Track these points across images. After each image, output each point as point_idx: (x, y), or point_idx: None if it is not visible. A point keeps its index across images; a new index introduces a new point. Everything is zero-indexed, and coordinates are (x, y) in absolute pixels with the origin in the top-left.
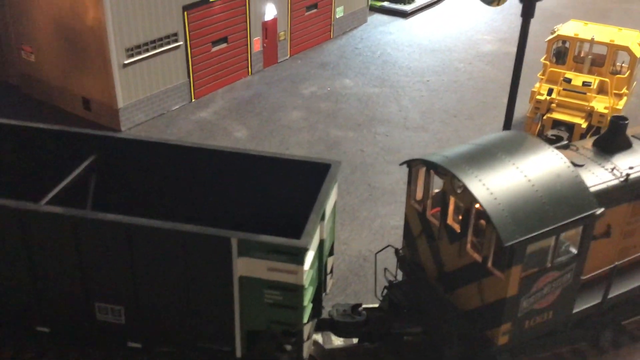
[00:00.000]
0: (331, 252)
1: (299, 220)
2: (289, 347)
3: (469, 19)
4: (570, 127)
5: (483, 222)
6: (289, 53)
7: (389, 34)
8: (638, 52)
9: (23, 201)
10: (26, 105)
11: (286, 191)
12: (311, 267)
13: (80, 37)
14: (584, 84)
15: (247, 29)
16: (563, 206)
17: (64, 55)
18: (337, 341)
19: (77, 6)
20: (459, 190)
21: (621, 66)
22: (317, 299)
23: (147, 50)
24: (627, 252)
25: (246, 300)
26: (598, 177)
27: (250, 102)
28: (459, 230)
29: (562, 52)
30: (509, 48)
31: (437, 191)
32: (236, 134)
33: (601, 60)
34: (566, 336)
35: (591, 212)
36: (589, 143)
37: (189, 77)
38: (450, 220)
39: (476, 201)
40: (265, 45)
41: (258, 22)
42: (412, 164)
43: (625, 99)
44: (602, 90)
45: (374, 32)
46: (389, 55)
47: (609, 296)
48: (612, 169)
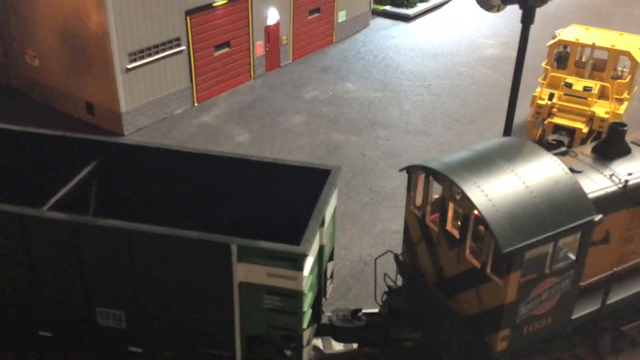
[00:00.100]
0: (331, 257)
1: (300, 226)
2: (288, 352)
3: (472, 23)
4: (571, 132)
5: (482, 228)
6: (291, 57)
7: (391, 38)
8: (639, 57)
9: (25, 206)
10: (30, 109)
11: (287, 196)
12: (310, 272)
13: (83, 41)
14: (585, 88)
15: (249, 34)
16: (561, 213)
17: (67, 60)
18: (337, 346)
19: (80, 11)
20: (457, 197)
21: (622, 71)
22: (317, 304)
23: (150, 55)
24: (626, 258)
25: (246, 305)
26: (597, 183)
27: (252, 106)
28: (458, 237)
29: (563, 56)
30: (511, 52)
31: (436, 197)
32: (238, 138)
33: (602, 65)
34: (565, 342)
35: (589, 218)
36: (588, 149)
37: (191, 81)
38: (449, 226)
39: (474, 208)
40: (267, 49)
41: (260, 27)
42: (411, 170)
43: (626, 103)
44: (603, 95)
45: (376, 36)
46: (391, 60)
47: (608, 302)
48: (611, 175)
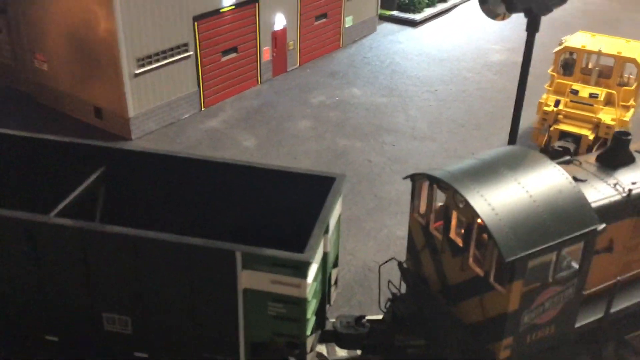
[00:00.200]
0: (335, 264)
1: (304, 233)
2: (292, 359)
3: (478, 28)
4: (577, 139)
5: (485, 236)
6: (298, 62)
7: (398, 43)
8: None
9: (33, 212)
10: (39, 113)
11: (292, 203)
12: (314, 280)
13: (92, 47)
14: (591, 95)
15: (256, 39)
16: (564, 222)
17: (76, 65)
18: (341, 353)
19: (89, 17)
20: (461, 205)
21: (629, 78)
22: (321, 311)
23: (158, 60)
24: (630, 266)
25: (250, 312)
26: (600, 192)
27: (259, 111)
28: (461, 245)
29: (569, 63)
30: (517, 58)
31: (440, 205)
32: (244, 143)
33: (609, 72)
34: (568, 350)
35: (592, 228)
36: (592, 158)
37: (198, 86)
38: (452, 234)
39: (477, 216)
40: (274, 54)
41: (268, 32)
42: (415, 178)
43: (632, 110)
44: (609, 102)
45: (383, 41)
46: (397, 65)
47: (612, 311)
48: (615, 184)
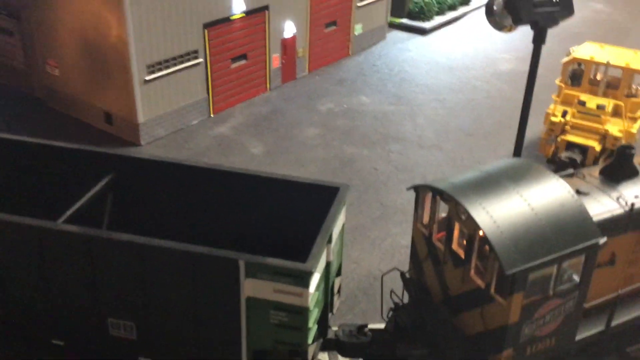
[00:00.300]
0: (339, 273)
1: (308, 241)
2: None
3: (488, 36)
4: (584, 150)
5: (487, 248)
6: (307, 69)
7: (407, 51)
8: None
9: (41, 219)
10: (50, 118)
11: (296, 212)
12: (317, 289)
13: (103, 53)
14: (599, 107)
15: (266, 46)
16: (565, 235)
17: (87, 71)
18: None
19: (101, 24)
20: (463, 217)
21: (637, 89)
22: (323, 319)
23: (168, 67)
24: (632, 279)
25: (253, 320)
26: (603, 205)
27: (267, 118)
28: (463, 256)
29: (578, 74)
30: (527, 67)
31: (443, 216)
32: (252, 149)
33: (617, 83)
34: None
35: (593, 241)
36: (595, 171)
37: (208, 92)
38: (455, 246)
39: (479, 228)
40: (284, 61)
41: (277, 40)
42: (418, 189)
43: (639, 122)
44: (617, 113)
45: (392, 49)
46: (406, 73)
47: (613, 324)
48: (618, 197)
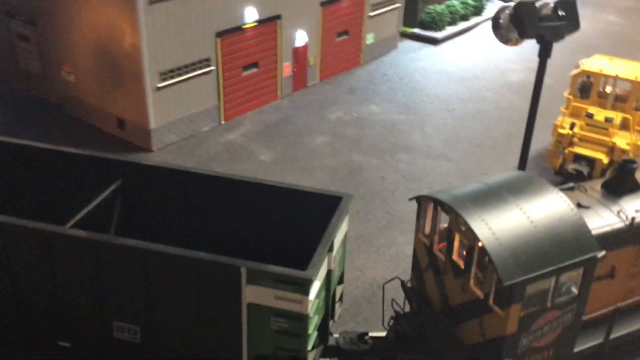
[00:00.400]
0: (341, 281)
1: (312, 249)
2: None
3: (499, 47)
4: (591, 162)
5: (487, 258)
6: (318, 78)
7: (418, 60)
8: None
9: (50, 223)
10: (64, 123)
11: (301, 221)
12: (317, 296)
13: (117, 60)
14: (607, 119)
15: (277, 55)
16: (564, 248)
17: (101, 77)
18: None
19: (115, 31)
20: (463, 228)
21: None
22: (324, 326)
23: (180, 75)
24: (632, 293)
25: (254, 326)
26: (604, 219)
27: (277, 125)
28: (463, 267)
29: (587, 86)
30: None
31: (444, 226)
32: (261, 157)
33: (626, 96)
34: None
35: (592, 254)
36: (597, 185)
37: (219, 100)
38: (455, 256)
39: (478, 240)
40: (295, 70)
41: (289, 48)
42: (421, 200)
43: None
44: (625, 126)
45: (403, 59)
46: (416, 82)
47: (612, 336)
48: (619, 211)
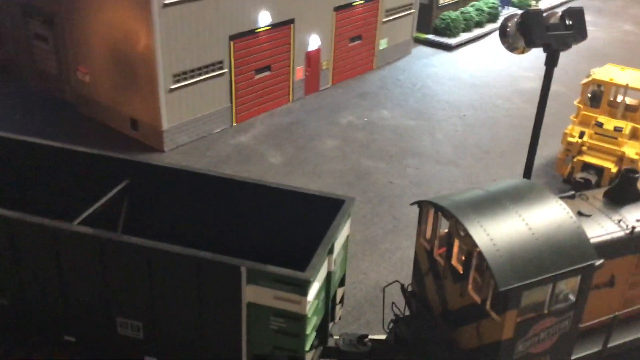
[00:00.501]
0: (342, 283)
1: (313, 251)
2: None
3: (513, 54)
4: (600, 171)
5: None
6: (331, 82)
7: (431, 66)
8: None
9: (58, 220)
10: (79, 123)
11: (304, 223)
12: (316, 297)
13: (131, 62)
14: (616, 129)
15: (290, 58)
16: (561, 256)
17: (115, 78)
18: None
19: (130, 34)
20: (462, 234)
21: None
22: (324, 327)
23: (193, 77)
24: (632, 302)
25: (253, 325)
26: (604, 228)
27: (288, 128)
28: (461, 272)
29: (597, 95)
30: (551, 87)
31: (445, 231)
32: (271, 159)
33: (636, 106)
34: None
35: (590, 262)
36: (600, 194)
37: (231, 102)
38: (454, 261)
39: (476, 246)
40: (307, 73)
41: (301, 52)
42: (422, 205)
43: None
44: (634, 136)
45: (417, 64)
46: (428, 88)
47: (610, 345)
48: (619, 220)
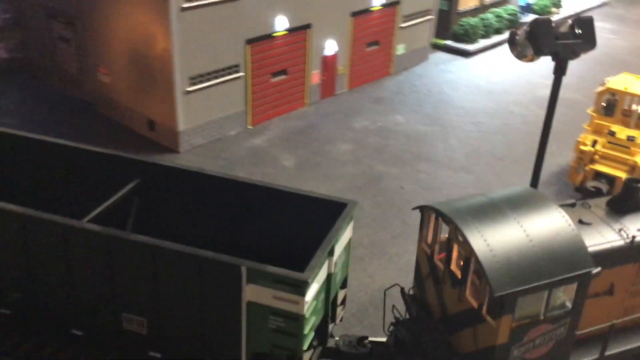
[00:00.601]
0: (344, 285)
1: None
2: None
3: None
4: (611, 180)
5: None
6: (347, 86)
7: (448, 72)
8: None
9: (68, 217)
10: (98, 123)
11: (308, 225)
12: (315, 298)
13: (149, 64)
14: (629, 138)
15: (306, 63)
16: (558, 263)
17: (134, 79)
18: None
19: (148, 37)
20: (461, 239)
21: None
22: (323, 328)
23: (210, 80)
24: (632, 310)
25: (252, 323)
26: (604, 236)
27: (302, 132)
28: (460, 277)
29: (612, 104)
30: (567, 94)
31: (445, 236)
32: (284, 162)
33: None
34: None
35: (586, 270)
36: (603, 203)
37: (247, 105)
38: (453, 266)
39: (473, 251)
40: (323, 78)
41: (318, 57)
42: (424, 210)
43: None
44: None
45: (434, 70)
46: (444, 94)
47: (607, 353)
48: (620, 229)
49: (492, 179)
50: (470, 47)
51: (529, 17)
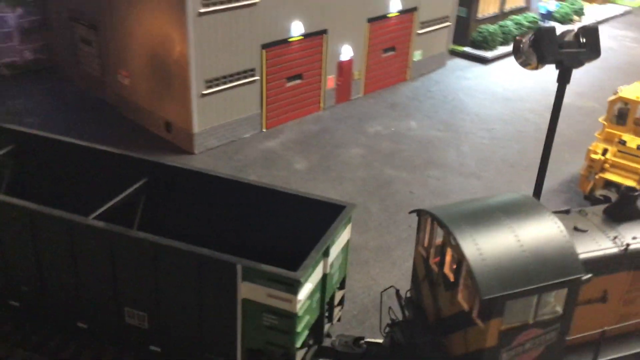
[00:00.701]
0: (342, 286)
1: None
2: None
3: (549, 69)
4: (620, 189)
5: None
6: (362, 92)
7: (465, 79)
8: None
9: (74, 214)
10: (117, 122)
11: (309, 226)
12: (308, 298)
13: (167, 67)
14: (639, 147)
15: (322, 68)
16: (548, 268)
17: (153, 82)
18: None
19: (166, 41)
20: (453, 243)
21: None
22: (318, 328)
23: (225, 83)
24: (627, 318)
25: (247, 320)
26: (598, 243)
27: (316, 136)
28: (452, 280)
29: (624, 113)
30: (583, 102)
31: (441, 240)
32: (296, 165)
33: None
34: None
35: (576, 276)
36: (600, 210)
37: (262, 108)
38: (447, 270)
39: (464, 255)
40: (339, 83)
41: (333, 62)
42: (420, 213)
43: None
44: None
45: (451, 77)
46: (460, 101)
47: None
48: (615, 237)
49: (502, 185)
50: (488, 54)
51: (549, 25)
